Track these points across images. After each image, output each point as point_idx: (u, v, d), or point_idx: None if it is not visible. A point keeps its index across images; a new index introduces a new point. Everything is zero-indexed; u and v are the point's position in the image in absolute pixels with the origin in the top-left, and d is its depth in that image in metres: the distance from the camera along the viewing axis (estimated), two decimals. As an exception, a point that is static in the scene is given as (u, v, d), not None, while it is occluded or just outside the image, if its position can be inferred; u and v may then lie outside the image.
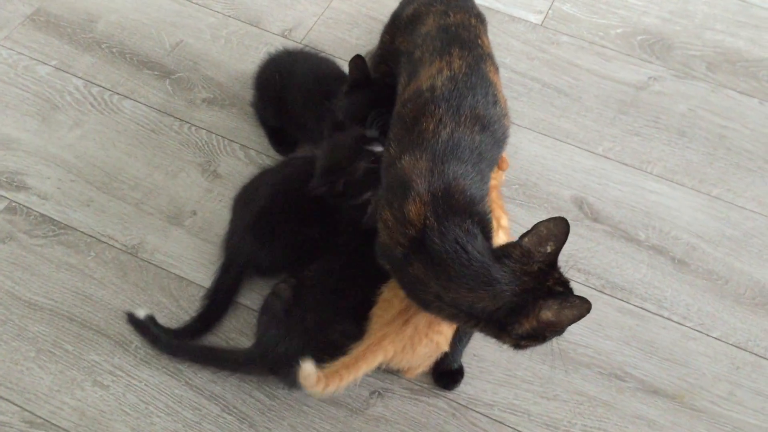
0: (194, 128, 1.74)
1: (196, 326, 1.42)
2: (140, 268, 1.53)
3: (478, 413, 1.39)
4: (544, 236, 1.09)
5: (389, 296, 1.30)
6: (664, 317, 1.51)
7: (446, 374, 1.41)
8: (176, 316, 1.47)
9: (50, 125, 1.73)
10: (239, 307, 1.48)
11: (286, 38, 1.92)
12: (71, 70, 1.83)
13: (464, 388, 1.41)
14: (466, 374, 1.42)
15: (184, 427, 1.35)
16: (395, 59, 1.41)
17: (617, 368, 1.45)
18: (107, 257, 1.54)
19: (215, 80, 1.83)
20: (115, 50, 1.87)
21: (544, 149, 1.75)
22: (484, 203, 1.18)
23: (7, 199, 1.61)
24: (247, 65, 1.86)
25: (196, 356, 1.40)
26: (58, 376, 1.40)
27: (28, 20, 1.92)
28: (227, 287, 1.45)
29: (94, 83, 1.81)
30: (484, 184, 1.20)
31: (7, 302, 1.47)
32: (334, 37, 1.93)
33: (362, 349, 1.25)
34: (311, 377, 1.15)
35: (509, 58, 1.91)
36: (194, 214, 1.60)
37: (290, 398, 1.38)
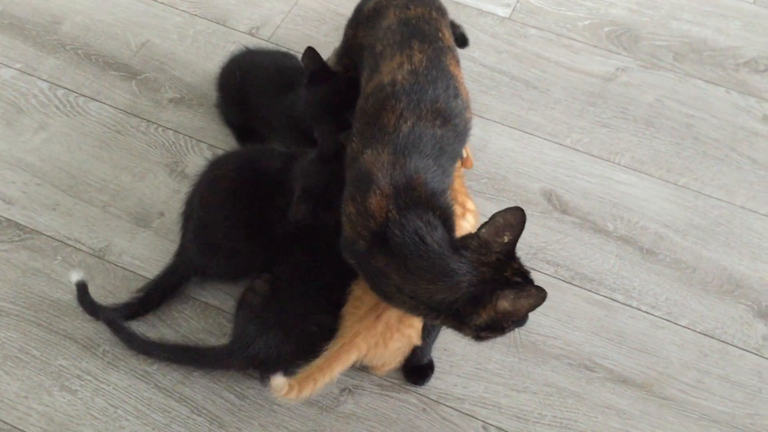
0: (161, 129, 1.73)
1: (124, 312, 1.43)
2: (107, 271, 1.52)
3: (448, 407, 1.39)
4: (500, 226, 1.09)
5: (359, 294, 1.30)
6: (632, 307, 1.52)
7: (416, 369, 1.41)
8: (146, 318, 1.46)
9: (15, 129, 1.71)
10: (208, 307, 1.48)
11: (253, 36, 1.91)
12: (36, 72, 1.81)
13: (434, 382, 1.41)
14: (436, 369, 1.42)
15: (153, 430, 1.35)
16: (358, 53, 1.41)
17: (586, 359, 1.45)
18: (74, 261, 1.53)
19: (182, 80, 1.82)
20: (80, 52, 1.86)
21: (512, 142, 1.75)
22: (445, 196, 1.18)
23: (-29, 204, 1.59)
24: (214, 64, 1.84)
25: (172, 355, 1.39)
26: (25, 381, 1.39)
27: (-9, 23, 1.90)
28: (165, 287, 1.45)
29: (59, 85, 1.79)
30: (445, 177, 1.20)
31: (-28, 309, 1.46)
32: (301, 34, 1.92)
33: (335, 349, 1.25)
34: (282, 389, 1.16)
35: (477, 51, 1.91)
36: (162, 215, 1.59)
37: (260, 398, 1.38)
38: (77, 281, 1.41)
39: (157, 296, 1.45)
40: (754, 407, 1.41)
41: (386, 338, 1.26)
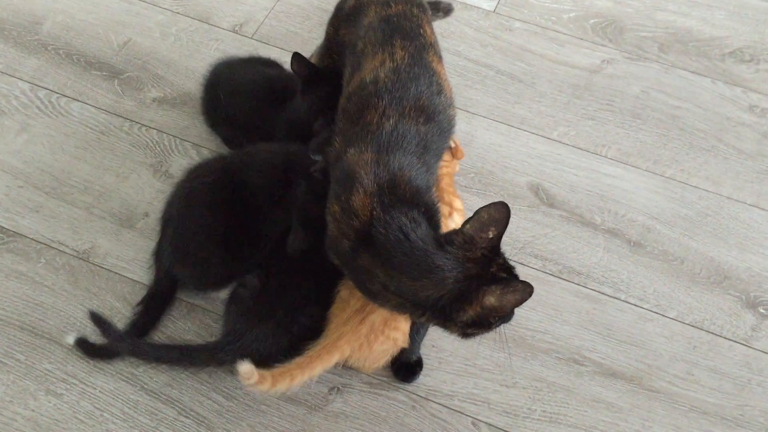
0: (145, 128, 1.71)
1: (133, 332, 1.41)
2: (92, 273, 1.50)
3: (438, 404, 1.39)
4: (485, 222, 1.08)
5: (346, 295, 1.29)
6: (620, 300, 1.52)
7: (405, 367, 1.40)
8: (130, 320, 1.44)
9: (-4, 131, 1.69)
10: (194, 308, 1.46)
11: (236, 33, 1.90)
12: (17, 73, 1.79)
13: (423, 379, 1.41)
14: (425, 366, 1.41)
15: (140, 432, 1.34)
16: (340, 51, 1.40)
17: (575, 353, 1.45)
18: (58, 263, 1.51)
19: (165, 79, 1.80)
20: (61, 52, 1.84)
21: (499, 136, 1.75)
22: (430, 193, 1.17)
23: (-47, 208, 1.57)
24: (197, 62, 1.83)
25: (161, 355, 1.37)
26: (10, 386, 1.37)
27: (-30, 24, 1.88)
28: (161, 296, 1.44)
29: (40, 86, 1.77)
30: (430, 174, 1.19)
31: (-45, 314, 1.44)
32: (285, 30, 1.91)
33: (318, 348, 1.24)
34: (251, 376, 1.15)
35: (462, 45, 1.90)
36: (146, 215, 1.58)
37: (248, 398, 1.37)
38: (75, 340, 1.39)
39: (156, 304, 1.44)
40: (743, 398, 1.41)
41: (371, 341, 1.26)
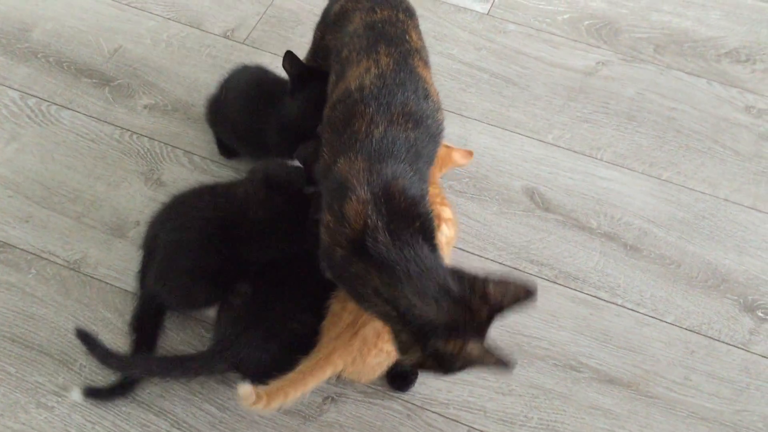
0: (136, 136, 1.70)
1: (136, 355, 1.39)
2: (83, 283, 1.49)
3: (433, 413, 1.37)
4: (508, 292, 1.07)
5: (338, 309, 1.28)
6: (617, 305, 1.51)
7: (400, 376, 1.39)
8: (122, 331, 1.43)
9: (-15, 140, 1.68)
10: (186, 318, 1.45)
11: (228, 39, 1.88)
12: (6, 82, 1.78)
13: (418, 388, 1.39)
14: (419, 374, 1.40)
15: (132, 445, 1.32)
16: (326, 56, 1.38)
17: (572, 359, 1.44)
18: (48, 274, 1.50)
19: (156, 85, 1.79)
20: (51, 59, 1.82)
21: (493, 140, 1.73)
22: (425, 202, 1.15)
23: (-58, 219, 1.56)
24: (188, 68, 1.82)
25: (152, 368, 1.35)
26: (0, 399, 1.36)
27: (-41, 32, 1.86)
28: (150, 317, 1.42)
29: (30, 94, 1.76)
30: (423, 183, 1.17)
31: (-55, 326, 1.43)
32: (277, 35, 1.89)
33: (311, 364, 1.23)
34: (250, 397, 1.14)
35: (456, 48, 1.89)
36: (138, 224, 1.56)
37: (241, 409, 1.35)
38: (83, 391, 1.36)
39: (148, 326, 1.42)
40: (741, 403, 1.40)
41: (364, 354, 1.24)
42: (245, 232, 1.35)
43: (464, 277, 1.08)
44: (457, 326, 1.04)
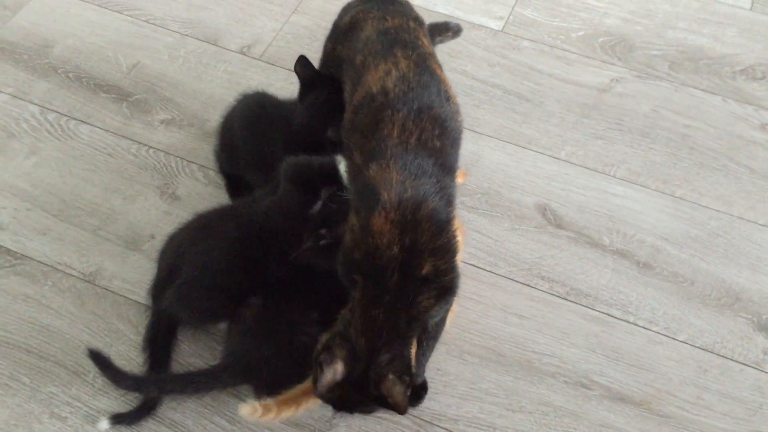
0: (152, 150, 1.72)
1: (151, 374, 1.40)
2: (98, 295, 1.51)
3: (442, 429, 1.37)
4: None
5: None
6: (629, 322, 1.50)
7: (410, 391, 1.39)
8: (135, 343, 1.45)
9: (5, 154, 1.71)
10: (198, 331, 1.46)
11: (244, 55, 1.91)
12: (27, 96, 1.81)
13: (428, 403, 1.39)
14: (429, 389, 1.40)
15: (143, 456, 1.33)
16: (337, 66, 1.40)
17: (583, 376, 1.43)
18: (64, 286, 1.52)
19: (173, 101, 1.81)
20: (71, 75, 1.86)
21: (506, 156, 1.74)
22: (449, 229, 1.15)
23: (-38, 231, 1.59)
24: (205, 84, 1.84)
25: (164, 386, 1.36)
26: (15, 409, 1.38)
27: (-18, 48, 1.90)
28: (163, 333, 1.43)
29: (50, 109, 1.79)
30: (449, 203, 1.17)
31: (-38, 336, 1.45)
32: (293, 52, 1.92)
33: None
34: (254, 412, 1.18)
35: (470, 65, 1.90)
36: (153, 238, 1.58)
37: (251, 422, 1.36)
38: (110, 418, 1.36)
39: (161, 342, 1.43)
40: (754, 423, 1.38)
41: None
42: (266, 246, 1.36)
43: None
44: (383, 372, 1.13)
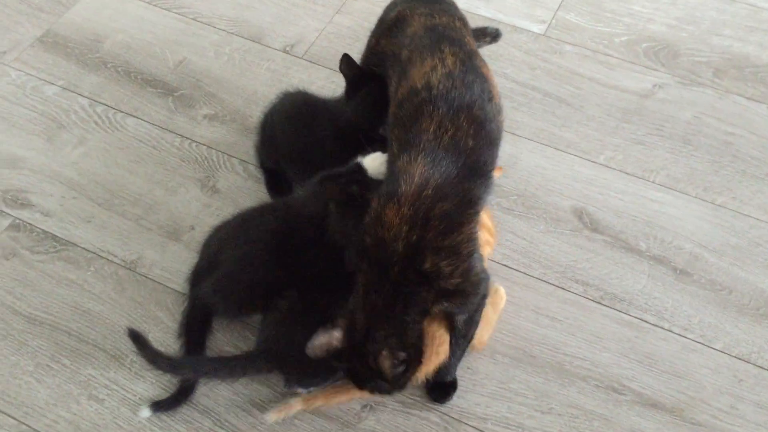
0: (195, 144, 1.76)
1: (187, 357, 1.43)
2: (138, 282, 1.55)
3: (470, 427, 1.37)
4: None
5: None
6: (664, 329, 1.48)
7: (439, 387, 1.39)
8: (172, 330, 1.48)
9: (55, 144, 1.77)
10: (232, 321, 1.49)
11: (287, 54, 1.94)
12: (77, 89, 1.87)
13: (457, 401, 1.39)
14: (459, 387, 1.40)
15: (176, 440, 1.36)
16: (380, 61, 1.42)
17: (614, 381, 1.42)
18: (106, 272, 1.56)
19: (217, 96, 1.85)
20: (120, 69, 1.91)
21: (544, 159, 1.73)
22: (461, 230, 1.16)
23: (11, 216, 1.64)
24: (248, 81, 1.88)
25: (199, 369, 1.39)
26: (55, 389, 1.42)
27: (37, 42, 1.97)
28: (199, 320, 1.46)
29: (99, 102, 1.85)
30: (470, 207, 1.18)
31: (8, 317, 1.50)
32: (335, 51, 1.94)
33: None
34: (283, 410, 1.30)
35: (510, 68, 1.90)
36: (192, 228, 1.62)
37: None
38: (150, 406, 1.39)
39: (196, 329, 1.46)
40: (791, 436, 1.36)
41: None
42: (302, 238, 1.38)
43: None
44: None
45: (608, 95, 1.85)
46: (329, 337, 1.20)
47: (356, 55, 1.91)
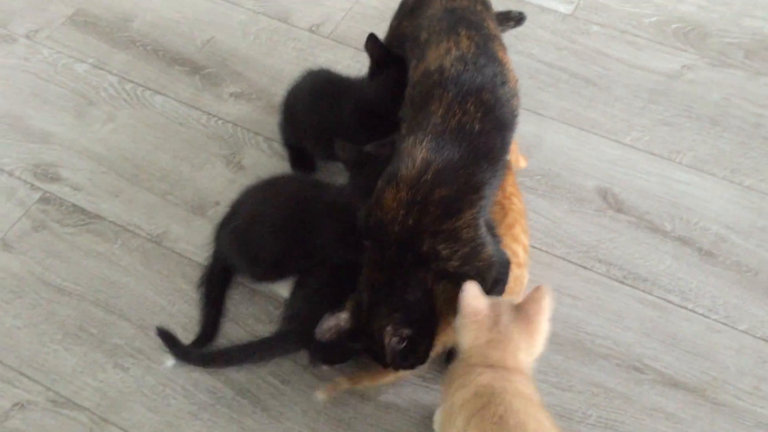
0: (221, 121, 1.78)
1: (207, 323, 1.46)
2: (164, 256, 1.57)
3: (490, 403, 1.37)
4: None
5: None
6: (687, 309, 1.47)
7: (459, 363, 1.40)
8: (197, 302, 1.50)
9: (85, 120, 1.80)
10: (256, 294, 1.51)
11: (313, 33, 1.95)
12: (107, 67, 1.90)
13: (477, 377, 1.40)
14: (479, 363, 1.40)
15: (199, 409, 1.38)
16: (401, 44, 1.42)
17: (636, 360, 1.41)
18: (132, 245, 1.59)
19: (243, 75, 1.87)
20: (149, 48, 1.94)
21: (569, 139, 1.72)
22: (460, 216, 1.15)
23: (41, 189, 1.68)
24: (274, 60, 1.89)
25: (231, 358, 1.40)
26: (82, 358, 1.45)
27: (68, 20, 2.00)
28: (217, 277, 1.50)
29: (127, 79, 1.87)
30: (473, 192, 1.17)
31: (37, 287, 1.54)
32: (361, 31, 1.94)
33: None
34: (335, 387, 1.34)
35: (537, 48, 1.89)
36: (217, 204, 1.64)
37: (302, 383, 1.40)
38: (171, 363, 1.44)
39: (215, 284, 1.50)
40: (815, 418, 1.34)
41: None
42: (316, 216, 1.39)
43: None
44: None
45: (636, 76, 1.83)
46: (336, 319, 1.21)
47: (381, 34, 1.92)
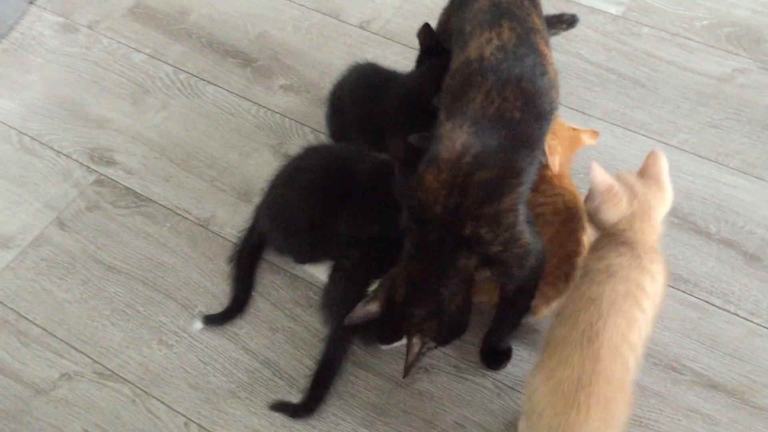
0: (270, 112, 1.83)
1: (236, 295, 1.51)
2: (210, 239, 1.62)
3: (523, 394, 1.38)
4: None
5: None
6: (729, 312, 1.45)
7: (494, 354, 1.41)
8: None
9: (140, 107, 1.86)
10: (297, 279, 1.54)
11: (363, 29, 1.98)
12: (163, 57, 1.97)
13: (511, 369, 1.41)
14: (513, 356, 1.41)
15: (237, 387, 1.42)
16: (449, 39, 1.43)
17: (674, 360, 1.40)
18: (181, 228, 1.64)
19: (293, 68, 1.91)
20: (203, 40, 2.00)
21: (614, 139, 1.72)
22: (502, 200, 1.16)
23: (97, 172, 1.74)
24: (324, 55, 1.93)
25: (321, 393, 1.40)
26: (128, 333, 1.50)
27: (128, 12, 2.08)
28: (250, 248, 1.56)
29: (182, 70, 1.93)
30: (513, 177, 1.18)
31: (89, 265, 1.60)
32: (410, 28, 1.96)
33: None
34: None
35: (585, 49, 1.89)
36: (263, 191, 1.67)
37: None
38: (203, 319, 1.50)
39: (245, 257, 1.55)
40: None
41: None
42: (351, 192, 1.43)
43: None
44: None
45: (685, 78, 1.81)
46: (366, 312, 1.23)
47: (431, 32, 1.94)
